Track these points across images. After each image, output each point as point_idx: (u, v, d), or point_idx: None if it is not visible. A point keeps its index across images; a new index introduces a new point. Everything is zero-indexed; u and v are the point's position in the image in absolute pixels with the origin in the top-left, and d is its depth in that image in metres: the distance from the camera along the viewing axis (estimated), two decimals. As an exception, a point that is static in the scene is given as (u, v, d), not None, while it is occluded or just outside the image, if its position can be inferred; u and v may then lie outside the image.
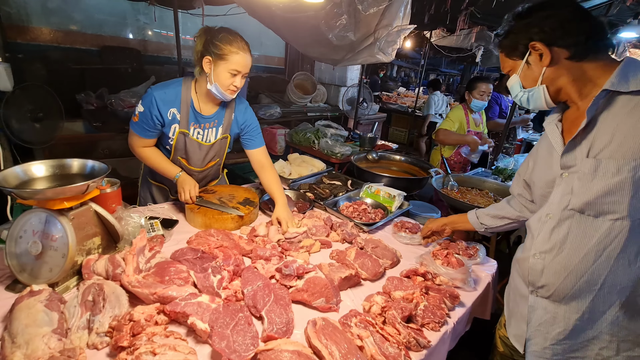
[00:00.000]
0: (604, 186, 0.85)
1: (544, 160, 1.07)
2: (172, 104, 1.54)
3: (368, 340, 0.96)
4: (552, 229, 0.97)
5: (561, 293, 0.97)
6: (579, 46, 0.90)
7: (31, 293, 0.97)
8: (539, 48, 0.93)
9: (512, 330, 1.16)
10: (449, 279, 1.29)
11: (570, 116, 1.00)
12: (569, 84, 0.94)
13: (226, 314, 0.99)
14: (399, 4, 1.71)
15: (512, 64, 1.02)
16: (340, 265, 1.30)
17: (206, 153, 1.70)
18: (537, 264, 1.01)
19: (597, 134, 0.88)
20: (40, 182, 1.10)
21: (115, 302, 1.00)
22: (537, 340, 1.05)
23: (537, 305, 1.04)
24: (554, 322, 1.01)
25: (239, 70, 1.47)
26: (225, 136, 1.71)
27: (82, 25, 4.19)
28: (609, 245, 0.88)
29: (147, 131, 1.57)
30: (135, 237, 1.33)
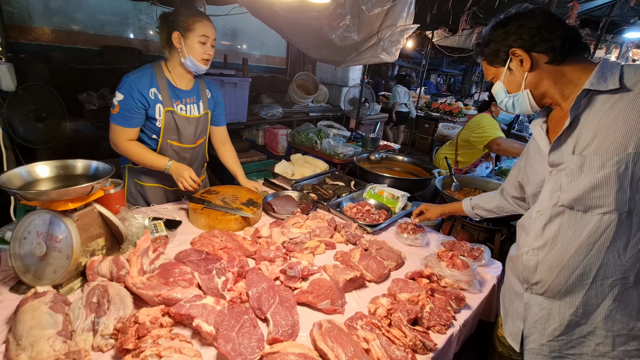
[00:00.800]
0: (591, 181, 0.88)
1: (534, 161, 1.09)
2: (150, 85, 1.58)
3: (374, 343, 0.95)
4: (544, 226, 0.99)
5: (555, 288, 0.99)
6: (557, 50, 0.93)
7: (35, 295, 0.97)
8: (519, 54, 0.96)
9: (508, 328, 1.17)
10: (454, 281, 1.28)
11: (555, 117, 1.03)
12: (551, 86, 0.98)
13: (231, 316, 0.99)
14: (402, 4, 1.70)
15: (495, 71, 1.06)
16: (345, 267, 1.29)
17: (195, 127, 1.73)
18: (530, 260, 1.03)
19: (581, 131, 0.92)
20: (45, 183, 1.10)
21: (119, 304, 0.99)
22: (534, 337, 1.06)
23: (532, 302, 1.06)
24: (549, 318, 1.02)
25: (207, 35, 1.54)
26: (206, 112, 1.78)
27: (84, 25, 4.20)
28: (598, 238, 0.90)
29: (130, 119, 1.57)
30: (138, 238, 1.32)
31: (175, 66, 1.62)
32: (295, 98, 4.49)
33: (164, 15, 1.59)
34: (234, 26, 5.42)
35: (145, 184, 1.80)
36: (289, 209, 1.74)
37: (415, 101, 7.24)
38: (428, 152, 7.21)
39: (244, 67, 4.41)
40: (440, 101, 7.95)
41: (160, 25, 1.59)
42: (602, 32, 4.24)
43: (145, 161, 1.63)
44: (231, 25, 5.37)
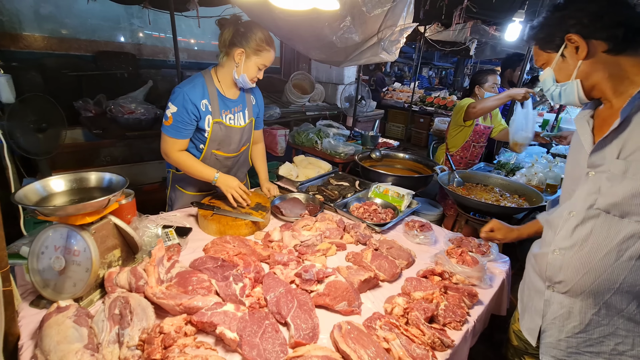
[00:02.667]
0: (633, 188, 0.85)
1: (572, 156, 1.06)
2: (202, 96, 1.60)
3: (395, 342, 0.98)
4: (575, 227, 0.97)
5: (579, 289, 0.98)
6: (617, 39, 0.86)
7: (58, 309, 0.98)
8: (575, 40, 0.90)
9: (525, 323, 1.18)
10: (466, 277, 1.31)
11: (603, 114, 0.98)
12: (604, 79, 0.92)
13: (253, 322, 1.01)
14: (403, 4, 1.71)
15: (547, 56, 0.99)
16: (358, 268, 1.32)
17: (240, 136, 1.77)
18: (556, 259, 1.01)
19: (631, 135, 0.87)
20: (60, 196, 1.10)
21: (142, 315, 1.00)
22: (552, 332, 1.07)
23: (553, 300, 1.05)
24: (569, 316, 1.02)
25: (267, 65, 1.63)
26: (251, 119, 1.83)
27: (76, 31, 4.14)
28: (632, 245, 0.88)
29: (182, 130, 1.60)
30: (152, 247, 1.34)
31: (225, 75, 1.65)
32: (292, 98, 4.48)
33: (235, 21, 1.58)
34: (227, 27, 5.39)
35: (186, 191, 1.86)
36: (297, 212, 1.76)
37: (410, 96, 7.27)
38: (424, 146, 7.25)
39: (240, 69, 4.38)
40: (434, 95, 7.99)
41: (226, 31, 1.56)
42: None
43: (195, 172, 1.65)
44: (224, 26, 5.34)
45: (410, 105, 6.96)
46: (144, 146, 3.58)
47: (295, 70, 5.16)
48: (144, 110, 3.23)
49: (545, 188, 2.42)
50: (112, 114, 3.21)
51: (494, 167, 2.92)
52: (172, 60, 5.05)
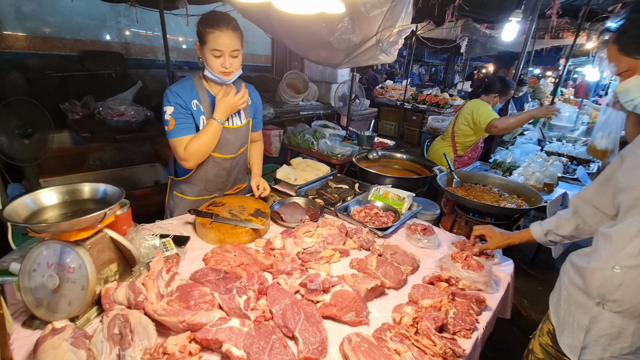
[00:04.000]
0: None
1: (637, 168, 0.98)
2: (191, 96, 1.57)
3: (406, 355, 0.96)
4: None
5: (636, 311, 0.93)
6: None
7: (54, 331, 0.92)
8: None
9: (565, 340, 1.12)
10: (472, 282, 1.30)
11: None
12: None
13: (260, 337, 0.97)
14: (402, 4, 1.69)
15: (632, 63, 0.93)
16: (364, 276, 1.29)
17: (237, 137, 1.71)
18: (615, 277, 0.95)
19: None
20: (51, 210, 1.04)
21: (143, 334, 0.96)
22: (594, 350, 1.02)
23: (602, 318, 1.00)
24: (619, 336, 0.98)
25: (219, 49, 1.44)
26: (248, 120, 1.77)
27: (60, 30, 4.00)
28: None
29: (187, 126, 1.56)
30: (149, 258, 1.29)
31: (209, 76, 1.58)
32: (285, 97, 4.43)
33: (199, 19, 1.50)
34: (217, 25, 5.29)
35: (186, 196, 1.81)
36: (298, 217, 1.72)
37: (402, 94, 7.27)
38: (417, 144, 7.28)
39: (233, 69, 4.31)
40: (426, 93, 8.02)
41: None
42: (582, 21, 4.34)
43: (205, 141, 1.55)
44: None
45: (403, 103, 6.99)
46: (135, 149, 3.49)
47: (288, 69, 5.11)
48: (134, 112, 3.14)
49: (543, 187, 2.44)
50: (100, 116, 3.11)
51: (490, 165, 2.93)
52: (161, 60, 4.93)
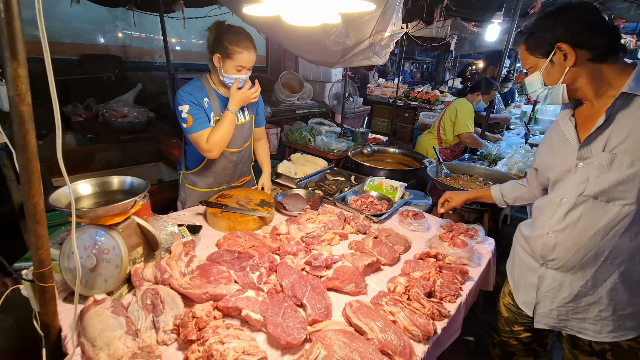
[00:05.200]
0: (618, 177, 0.96)
1: (558, 150, 1.15)
2: (202, 95, 1.74)
3: (400, 315, 1.12)
4: (567, 212, 1.09)
5: (570, 265, 1.11)
6: (602, 48, 0.97)
7: (95, 302, 1.07)
8: (565, 49, 0.99)
9: (520, 297, 1.31)
10: (457, 258, 1.47)
11: (584, 112, 1.10)
12: (587, 83, 1.03)
13: (273, 304, 1.12)
14: (392, 10, 1.84)
15: (535, 61, 1.08)
16: (361, 254, 1.45)
17: (242, 133, 1.88)
18: (550, 240, 1.13)
19: (614, 131, 0.98)
20: (87, 199, 1.19)
21: (172, 304, 1.11)
22: (545, 303, 1.20)
23: (547, 276, 1.18)
24: (560, 288, 1.15)
25: (243, 66, 1.67)
26: (251, 117, 1.94)
27: (60, 35, 4.09)
28: (615, 225, 1.01)
29: (204, 120, 1.72)
30: (168, 244, 1.43)
31: (217, 78, 1.76)
32: (281, 97, 4.57)
33: (216, 26, 1.65)
34: (213, 27, 5.39)
35: (197, 188, 1.96)
36: (300, 206, 1.88)
37: (394, 91, 7.45)
38: (409, 140, 7.46)
39: (230, 70, 4.43)
40: (418, 90, 8.21)
41: (210, 34, 1.67)
42: (564, 19, 4.54)
43: (223, 132, 1.69)
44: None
45: (395, 101, 7.17)
46: (139, 149, 3.61)
47: (282, 69, 5.25)
48: (137, 113, 3.26)
49: (525, 175, 2.62)
50: (105, 118, 3.23)
51: (478, 158, 3.11)
52: (159, 62, 5.03)
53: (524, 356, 1.48)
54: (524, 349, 1.46)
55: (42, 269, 0.94)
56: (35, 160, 0.87)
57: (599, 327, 1.12)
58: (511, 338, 1.46)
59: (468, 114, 3.01)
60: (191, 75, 4.22)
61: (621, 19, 5.63)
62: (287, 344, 1.00)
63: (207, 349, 0.94)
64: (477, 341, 2.26)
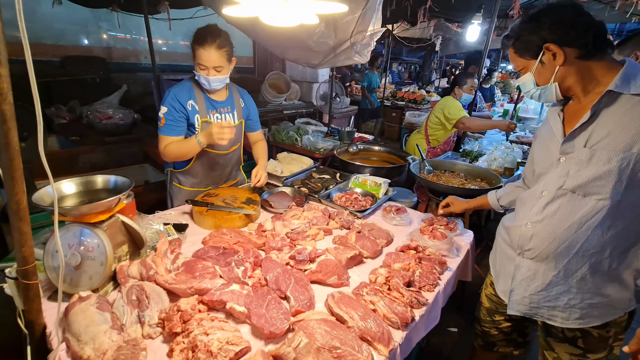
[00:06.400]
0: (595, 172, 1.00)
1: (545, 144, 1.19)
2: (188, 97, 1.77)
3: (379, 303, 1.17)
4: (546, 204, 1.13)
5: (544, 255, 1.15)
6: (589, 46, 0.99)
7: (80, 299, 1.08)
8: (553, 49, 1.01)
9: (500, 286, 1.37)
10: (436, 249, 1.53)
11: (572, 108, 1.13)
12: (576, 81, 1.05)
13: (258, 297, 1.16)
14: (372, 11, 1.90)
15: (525, 63, 1.11)
16: (344, 248, 1.49)
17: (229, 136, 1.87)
18: (527, 231, 1.18)
19: (596, 127, 1.01)
20: (71, 198, 1.20)
21: (157, 299, 1.13)
22: (519, 291, 1.25)
23: (522, 265, 1.22)
24: (534, 277, 1.20)
25: (203, 64, 1.65)
26: (241, 121, 1.96)
27: (41, 36, 4.03)
28: (590, 219, 1.05)
29: (174, 128, 1.75)
30: (154, 242, 1.45)
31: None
32: (268, 98, 4.60)
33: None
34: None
35: (182, 187, 1.98)
36: (285, 204, 1.91)
37: (382, 91, 7.56)
38: (397, 139, 7.57)
39: (217, 71, 4.43)
40: (405, 90, 8.34)
41: None
42: (542, 20, 4.70)
43: (182, 150, 1.76)
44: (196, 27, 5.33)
45: (383, 101, 7.26)
46: (124, 151, 3.58)
47: (269, 70, 5.27)
48: (122, 114, 3.25)
49: (504, 171, 2.71)
50: (89, 120, 3.20)
51: (460, 154, 3.20)
52: (143, 63, 4.99)
53: (504, 346, 1.53)
54: (505, 339, 1.51)
55: (26, 266, 0.95)
56: (18, 158, 0.89)
57: (567, 314, 1.17)
58: (492, 328, 1.51)
59: (456, 104, 3.09)
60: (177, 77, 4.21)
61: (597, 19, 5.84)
62: (270, 334, 1.03)
63: (191, 340, 0.97)
64: (460, 333, 2.33)
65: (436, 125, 3.19)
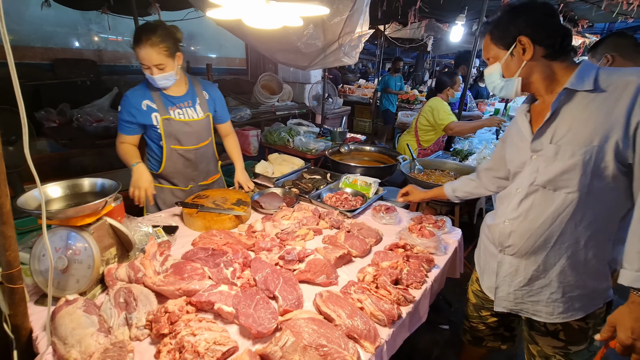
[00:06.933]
0: (562, 167, 1.05)
1: (516, 144, 1.24)
2: (142, 97, 1.77)
3: (366, 301, 1.18)
4: (521, 201, 1.17)
5: (523, 251, 1.19)
6: (556, 47, 1.05)
7: (67, 302, 1.08)
8: (525, 42, 1.05)
9: (485, 283, 1.40)
10: (424, 247, 1.55)
11: (537, 108, 1.18)
12: (539, 79, 1.11)
13: (246, 297, 1.16)
14: (359, 13, 1.91)
15: (496, 52, 1.15)
16: (333, 247, 1.51)
17: (195, 130, 1.89)
18: (506, 228, 1.21)
19: (559, 124, 1.07)
20: (57, 202, 1.20)
21: (145, 301, 1.13)
22: (503, 287, 1.28)
23: (504, 261, 1.26)
24: (516, 273, 1.23)
25: (144, 63, 1.64)
26: (207, 114, 1.93)
27: (30, 39, 4.00)
28: (562, 212, 1.08)
29: (125, 128, 1.80)
30: (143, 245, 1.45)
31: None
32: (261, 99, 4.59)
33: None
34: (190, 30, 5.37)
35: (163, 186, 1.98)
36: (276, 204, 1.92)
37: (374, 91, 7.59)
38: (390, 139, 7.61)
39: (209, 73, 4.44)
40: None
41: None
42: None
43: (124, 157, 1.80)
44: (188, 29, 5.29)
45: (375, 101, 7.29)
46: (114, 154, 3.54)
47: (262, 71, 5.27)
48: (113, 117, 3.22)
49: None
50: (79, 123, 3.17)
51: (450, 154, 3.23)
52: (135, 66, 4.97)
53: (492, 341, 1.57)
54: (492, 334, 1.55)
55: (11, 270, 0.95)
56: (1, 162, 0.89)
57: (551, 309, 1.20)
58: (480, 323, 1.54)
59: (445, 108, 3.11)
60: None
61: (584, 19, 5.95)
62: (257, 334, 1.04)
63: (178, 341, 0.97)
64: (452, 330, 2.36)
65: (426, 127, 3.21)
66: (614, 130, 0.97)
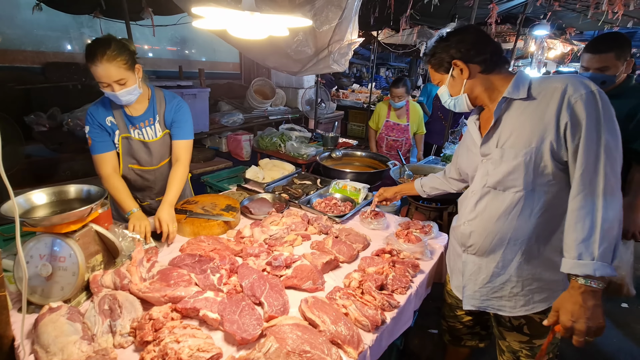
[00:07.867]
0: (508, 168, 1.14)
1: (469, 149, 1.35)
2: (105, 114, 1.68)
3: (351, 307, 1.19)
4: (476, 202, 1.26)
5: (483, 249, 1.26)
6: (487, 62, 1.17)
7: (51, 309, 1.08)
8: (459, 65, 1.19)
9: (453, 282, 1.46)
10: (410, 252, 1.57)
11: (485, 116, 1.30)
12: (482, 92, 1.22)
13: (231, 304, 1.17)
14: (347, 21, 1.95)
15: (440, 77, 1.28)
16: (321, 253, 1.52)
17: (153, 150, 1.79)
18: (466, 229, 1.29)
19: (502, 129, 1.17)
20: (42, 209, 1.19)
21: (130, 308, 1.13)
22: (470, 286, 1.34)
23: (468, 261, 1.33)
24: (479, 271, 1.30)
25: (103, 81, 1.50)
26: (165, 132, 1.80)
27: (21, 42, 3.97)
28: (512, 210, 1.17)
29: (100, 144, 1.68)
30: (130, 251, 1.45)
31: None
32: (254, 104, 4.61)
33: None
34: (184, 35, 5.39)
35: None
36: (265, 210, 1.93)
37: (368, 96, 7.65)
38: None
39: (201, 77, 4.45)
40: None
41: None
42: (520, 27, 4.87)
43: (118, 198, 1.68)
44: (180, 34, 5.33)
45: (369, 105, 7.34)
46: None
47: (255, 76, 5.29)
48: (104, 122, 3.21)
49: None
50: (69, 127, 3.16)
51: (441, 159, 3.27)
52: (127, 70, 4.96)
53: (470, 340, 1.63)
54: (469, 333, 1.61)
55: (-8, 278, 0.94)
56: (-18, 170, 0.88)
57: (513, 303, 1.27)
58: (456, 322, 1.60)
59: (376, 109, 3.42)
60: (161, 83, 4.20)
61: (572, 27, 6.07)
62: (242, 340, 1.05)
63: (162, 348, 0.97)
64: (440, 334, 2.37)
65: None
66: (547, 133, 1.07)
